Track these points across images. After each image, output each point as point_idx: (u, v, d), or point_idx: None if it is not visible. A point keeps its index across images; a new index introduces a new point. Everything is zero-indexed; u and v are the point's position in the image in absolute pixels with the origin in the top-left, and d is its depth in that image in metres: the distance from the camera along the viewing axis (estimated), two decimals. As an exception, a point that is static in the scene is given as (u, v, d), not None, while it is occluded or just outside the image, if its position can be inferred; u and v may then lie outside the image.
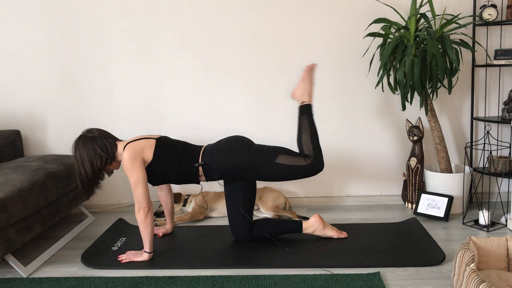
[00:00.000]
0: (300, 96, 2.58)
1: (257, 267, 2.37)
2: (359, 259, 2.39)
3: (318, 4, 3.19)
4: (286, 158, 2.46)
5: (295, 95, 2.60)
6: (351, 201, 3.41)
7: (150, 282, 2.24)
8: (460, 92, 3.27)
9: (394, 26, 2.97)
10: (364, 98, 3.28)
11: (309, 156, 2.47)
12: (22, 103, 3.38)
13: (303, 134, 2.51)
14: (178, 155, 2.50)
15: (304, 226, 2.65)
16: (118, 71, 3.32)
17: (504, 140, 3.27)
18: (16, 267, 2.37)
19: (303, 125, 2.52)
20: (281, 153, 2.47)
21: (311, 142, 2.49)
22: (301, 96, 2.57)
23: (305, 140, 2.49)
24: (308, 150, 2.48)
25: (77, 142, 2.45)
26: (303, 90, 2.57)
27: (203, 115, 3.35)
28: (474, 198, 3.32)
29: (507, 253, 2.11)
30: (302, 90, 2.57)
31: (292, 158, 2.46)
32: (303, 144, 2.50)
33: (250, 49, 3.26)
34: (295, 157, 2.46)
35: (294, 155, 2.47)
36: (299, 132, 2.53)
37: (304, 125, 2.52)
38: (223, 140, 2.57)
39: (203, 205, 3.14)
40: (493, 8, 3.01)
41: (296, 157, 2.46)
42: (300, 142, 2.51)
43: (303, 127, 2.52)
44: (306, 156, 2.47)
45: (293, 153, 2.49)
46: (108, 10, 3.25)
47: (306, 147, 2.48)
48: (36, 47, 3.31)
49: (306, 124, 2.52)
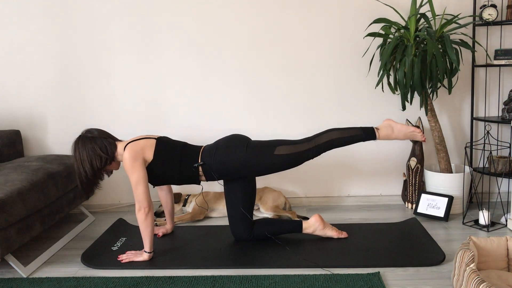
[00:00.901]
0: (384, 126, 2.56)
1: (257, 267, 2.37)
2: (359, 259, 2.39)
3: (318, 4, 3.19)
4: (285, 148, 2.47)
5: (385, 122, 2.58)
6: (351, 201, 3.41)
7: (150, 282, 2.24)
8: (460, 92, 3.27)
9: (394, 26, 2.97)
10: (364, 98, 3.28)
11: (314, 141, 2.49)
12: (22, 103, 3.38)
13: (338, 132, 2.52)
14: (178, 155, 2.50)
15: (304, 226, 2.65)
16: (118, 71, 3.32)
17: (504, 140, 3.27)
18: (16, 267, 2.37)
19: (349, 131, 2.52)
20: (279, 144, 2.48)
21: (331, 139, 2.49)
22: (384, 126, 2.56)
23: (332, 135, 2.50)
24: (320, 139, 2.49)
25: (76, 143, 2.45)
26: (390, 127, 2.55)
27: (203, 115, 3.35)
28: (474, 198, 3.32)
29: (507, 253, 2.10)
30: (390, 126, 2.55)
31: (292, 146, 2.48)
32: (326, 133, 2.51)
33: (250, 49, 3.26)
34: (295, 145, 2.48)
35: (293, 143, 2.49)
36: (339, 128, 2.54)
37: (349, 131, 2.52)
38: (221, 140, 2.57)
39: (203, 206, 3.14)
40: (493, 8, 3.01)
41: (296, 144, 2.48)
42: (328, 131, 2.52)
43: (347, 131, 2.52)
44: (309, 140, 2.50)
45: (292, 141, 2.51)
46: (108, 10, 3.25)
47: (324, 137, 2.50)
48: (36, 47, 3.31)
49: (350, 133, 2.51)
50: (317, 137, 2.52)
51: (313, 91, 3.29)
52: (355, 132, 2.53)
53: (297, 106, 3.31)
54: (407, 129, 2.55)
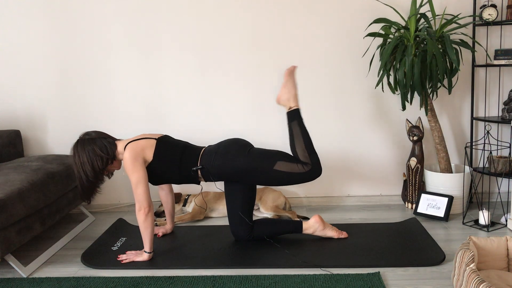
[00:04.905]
0: (286, 101, 2.52)
1: (257, 267, 2.37)
2: (359, 259, 2.39)
3: (318, 4, 3.19)
4: (284, 164, 2.43)
5: (281, 101, 2.54)
6: (351, 201, 3.41)
7: (150, 282, 2.24)
8: (460, 92, 3.27)
9: (394, 26, 2.97)
10: (364, 98, 3.28)
11: (306, 163, 2.45)
12: (22, 103, 3.38)
13: (296, 142, 2.47)
14: (178, 156, 2.50)
15: (304, 227, 2.65)
16: (118, 71, 3.32)
17: (504, 140, 3.27)
18: (16, 267, 2.37)
19: (295, 132, 2.48)
20: (279, 159, 2.44)
21: (305, 149, 2.46)
22: (287, 101, 2.52)
23: (299, 148, 2.46)
24: (304, 157, 2.45)
25: (75, 146, 2.44)
26: (287, 94, 2.51)
27: (203, 116, 3.35)
28: (474, 198, 3.32)
29: (507, 253, 2.10)
30: (287, 94, 2.51)
31: (291, 164, 2.43)
32: (297, 152, 2.46)
33: (249, 49, 3.26)
34: (293, 164, 2.44)
35: (292, 162, 2.45)
36: (291, 140, 2.49)
37: (295, 132, 2.48)
38: (222, 143, 2.55)
39: (202, 206, 3.14)
40: (493, 8, 3.01)
41: (294, 163, 2.44)
42: (295, 150, 2.48)
43: (295, 134, 2.48)
44: (303, 163, 2.45)
45: (292, 159, 2.46)
46: (108, 10, 3.25)
47: (301, 155, 2.46)
48: (36, 47, 3.31)
49: (298, 131, 2.48)
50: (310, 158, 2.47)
51: (313, 91, 3.29)
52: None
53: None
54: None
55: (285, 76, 2.54)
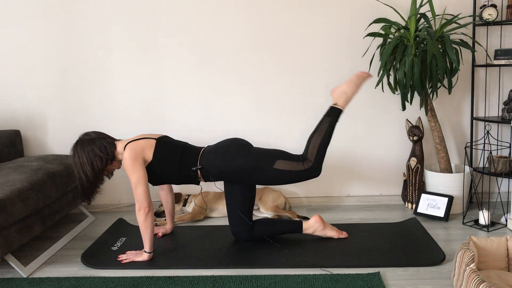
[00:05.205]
0: (338, 97, 2.50)
1: (257, 267, 2.37)
2: (359, 259, 2.39)
3: (318, 4, 3.19)
4: (284, 163, 2.43)
5: (334, 93, 2.52)
6: (351, 201, 3.41)
7: (150, 282, 2.24)
8: (460, 92, 3.27)
9: (394, 26, 2.97)
10: (364, 98, 3.28)
11: (308, 160, 2.43)
12: (22, 103, 3.38)
13: (316, 135, 2.46)
14: (178, 157, 2.50)
15: (304, 227, 2.65)
16: (118, 71, 3.32)
17: (504, 140, 3.27)
18: (16, 267, 2.37)
19: (322, 127, 2.47)
20: (279, 158, 2.44)
21: (318, 146, 2.44)
22: (338, 97, 2.50)
23: (315, 141, 2.45)
24: (312, 153, 2.44)
25: (75, 147, 2.44)
26: (342, 93, 2.49)
27: (203, 116, 3.35)
28: (474, 198, 3.32)
29: (507, 253, 2.11)
30: (341, 93, 2.49)
31: (290, 163, 2.43)
32: (310, 144, 2.45)
33: (250, 49, 3.26)
34: (293, 162, 2.43)
35: (292, 160, 2.44)
36: (314, 131, 2.48)
37: (322, 127, 2.47)
38: (221, 143, 2.55)
39: (202, 206, 3.14)
40: (493, 8, 3.01)
41: (294, 161, 2.43)
42: (309, 141, 2.47)
43: (321, 128, 2.47)
44: (305, 159, 2.44)
45: (291, 157, 2.46)
46: (108, 10, 3.25)
47: (311, 148, 2.44)
48: (36, 47, 3.31)
49: (325, 128, 2.46)
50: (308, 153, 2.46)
51: (313, 91, 3.29)
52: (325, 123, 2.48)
53: (297, 106, 3.31)
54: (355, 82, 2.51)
55: (354, 76, 2.51)
